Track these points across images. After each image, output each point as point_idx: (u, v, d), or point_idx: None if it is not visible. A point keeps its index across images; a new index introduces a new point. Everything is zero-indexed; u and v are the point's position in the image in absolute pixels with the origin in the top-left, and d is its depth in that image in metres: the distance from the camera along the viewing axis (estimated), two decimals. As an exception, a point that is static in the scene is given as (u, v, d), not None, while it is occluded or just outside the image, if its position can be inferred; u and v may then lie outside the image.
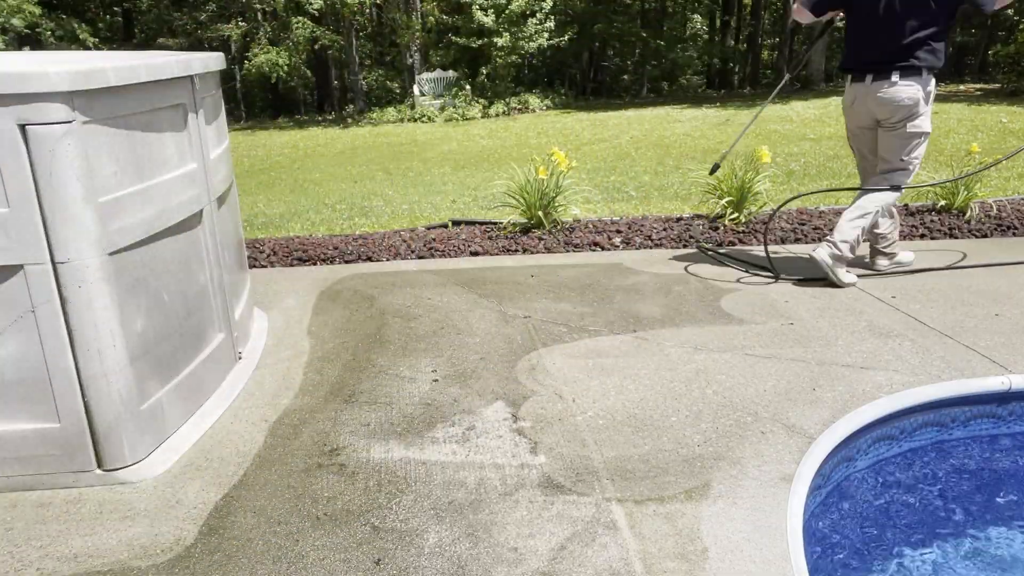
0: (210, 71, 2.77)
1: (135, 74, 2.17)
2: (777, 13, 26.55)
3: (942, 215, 5.08)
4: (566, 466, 2.27)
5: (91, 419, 2.18)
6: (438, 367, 2.99)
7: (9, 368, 2.10)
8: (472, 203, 6.87)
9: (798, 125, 12.46)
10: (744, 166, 5.16)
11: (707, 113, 15.63)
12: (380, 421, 2.58)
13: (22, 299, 2.04)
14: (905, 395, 2.62)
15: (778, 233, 4.84)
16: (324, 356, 3.13)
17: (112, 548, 1.95)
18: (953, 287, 3.73)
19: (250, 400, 2.75)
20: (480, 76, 19.17)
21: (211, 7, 21.00)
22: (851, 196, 4.26)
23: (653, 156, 9.67)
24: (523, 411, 2.61)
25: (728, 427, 2.46)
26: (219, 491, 2.19)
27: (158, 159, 2.35)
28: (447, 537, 1.96)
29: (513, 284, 4.01)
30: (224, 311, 2.81)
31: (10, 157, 1.93)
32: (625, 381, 2.81)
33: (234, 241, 3.06)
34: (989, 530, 2.33)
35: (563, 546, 1.91)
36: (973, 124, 11.45)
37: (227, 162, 3.04)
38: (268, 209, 7.13)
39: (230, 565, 1.88)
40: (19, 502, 2.15)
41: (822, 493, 2.34)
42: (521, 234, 4.97)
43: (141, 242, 2.25)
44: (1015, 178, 6.86)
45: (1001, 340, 3.07)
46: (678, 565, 1.83)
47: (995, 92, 16.72)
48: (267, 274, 4.31)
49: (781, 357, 2.98)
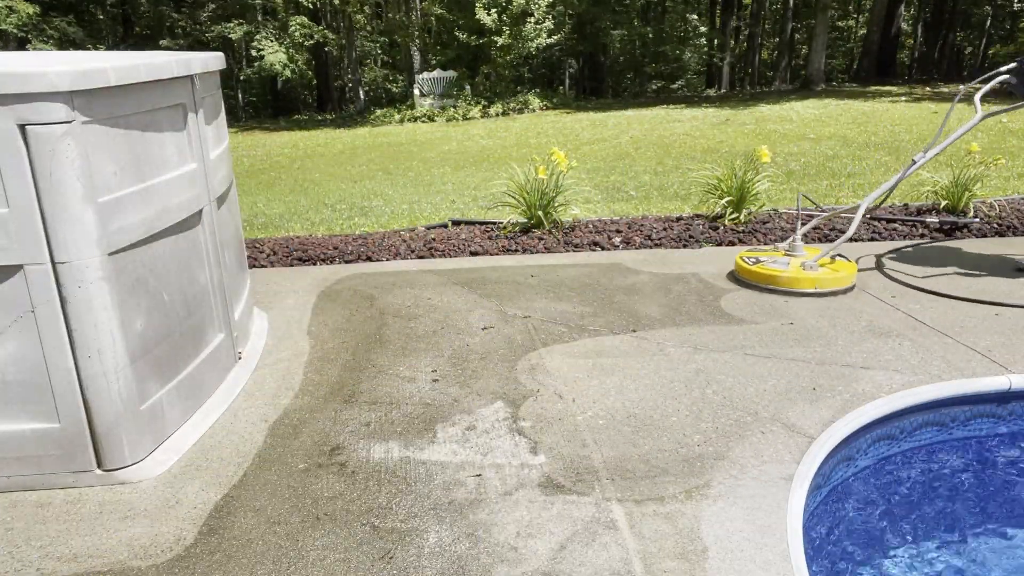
0: (210, 71, 2.77)
1: (135, 74, 2.17)
2: (777, 13, 26.55)
3: (942, 215, 5.08)
4: (566, 466, 2.27)
5: (91, 419, 2.17)
6: (438, 367, 2.99)
7: (9, 368, 2.10)
8: (472, 203, 6.87)
9: (798, 125, 12.46)
10: (744, 166, 5.15)
11: (707, 113, 15.63)
12: (380, 421, 2.58)
13: (22, 299, 2.04)
14: (905, 395, 2.62)
15: (778, 233, 4.84)
16: (324, 356, 3.13)
17: (112, 548, 1.95)
18: (953, 286, 3.73)
19: (250, 400, 2.75)
20: (480, 76, 19.18)
21: (211, 7, 21.00)
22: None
23: (653, 156, 9.67)
24: (523, 411, 2.61)
25: (728, 427, 2.46)
26: (219, 491, 2.19)
27: (158, 159, 2.35)
28: (447, 537, 1.96)
29: (513, 284, 4.01)
30: (224, 311, 2.81)
31: (10, 157, 1.93)
32: (625, 381, 2.81)
33: (234, 241, 3.06)
34: (989, 528, 2.33)
35: (563, 546, 1.91)
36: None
37: (227, 162, 3.04)
38: (268, 209, 7.13)
39: (230, 565, 1.87)
40: (19, 502, 2.15)
41: (822, 493, 2.33)
42: (521, 234, 4.97)
43: (141, 242, 2.25)
44: (1015, 178, 6.86)
45: (1001, 340, 3.07)
46: (678, 565, 1.83)
47: (995, 92, 16.70)
48: (267, 274, 4.31)
49: (781, 357, 2.98)
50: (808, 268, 3.76)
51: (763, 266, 3.84)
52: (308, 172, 10.20)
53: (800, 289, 3.71)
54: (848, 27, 29.91)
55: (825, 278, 3.71)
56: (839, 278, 3.73)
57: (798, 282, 3.72)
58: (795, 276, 3.73)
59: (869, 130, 11.41)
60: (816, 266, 3.77)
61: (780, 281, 3.76)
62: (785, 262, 3.89)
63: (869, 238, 4.73)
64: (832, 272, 3.75)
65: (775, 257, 4.00)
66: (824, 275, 3.73)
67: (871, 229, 4.87)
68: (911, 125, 11.69)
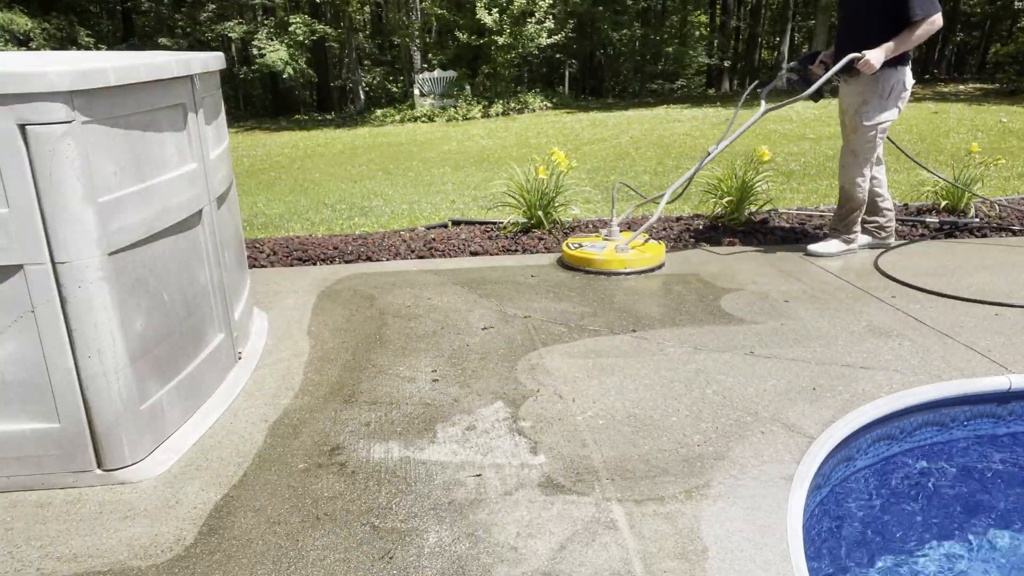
0: (210, 71, 2.77)
1: (135, 74, 2.17)
2: (777, 13, 26.54)
3: (942, 215, 5.08)
4: (566, 466, 2.27)
5: (91, 419, 2.17)
6: (438, 367, 2.99)
7: (9, 368, 2.10)
8: (472, 203, 6.87)
9: (798, 125, 12.46)
10: (744, 166, 5.15)
11: (707, 113, 15.63)
12: (380, 421, 2.58)
13: (22, 299, 2.04)
14: (905, 395, 2.62)
15: (778, 233, 4.84)
16: (324, 356, 3.13)
17: (112, 548, 1.95)
18: (953, 286, 3.73)
19: (250, 400, 2.75)
20: (480, 76, 19.18)
21: (211, 7, 21.00)
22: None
23: (653, 156, 9.67)
24: (523, 411, 2.61)
25: (728, 427, 2.46)
26: (219, 491, 2.19)
27: (158, 159, 2.35)
28: (447, 537, 1.96)
29: (513, 284, 4.01)
30: (224, 311, 2.81)
31: (10, 157, 1.93)
32: (625, 381, 2.81)
33: (234, 241, 3.06)
34: (989, 529, 2.33)
35: (563, 546, 1.91)
36: (973, 124, 11.45)
37: (227, 162, 3.04)
38: (268, 209, 7.13)
39: (230, 565, 1.87)
40: (19, 502, 2.15)
41: (822, 493, 2.33)
42: (521, 234, 4.97)
43: (141, 242, 2.25)
44: (1015, 178, 6.86)
45: (1001, 340, 3.07)
46: (678, 565, 1.83)
47: (995, 92, 16.73)
48: (267, 274, 4.31)
49: (781, 357, 2.98)
50: (620, 251, 4.18)
51: (582, 250, 4.24)
52: (308, 172, 10.20)
53: (612, 270, 4.14)
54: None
55: (633, 259, 4.17)
56: (646, 259, 4.19)
57: (609, 263, 4.15)
58: (607, 258, 4.16)
59: (869, 130, 11.39)
60: (627, 248, 4.21)
61: (595, 263, 4.17)
62: (602, 246, 4.31)
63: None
64: (640, 254, 4.21)
65: (595, 242, 4.41)
66: (633, 256, 4.18)
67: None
68: (911, 125, 11.68)
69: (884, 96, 4.01)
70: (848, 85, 4.12)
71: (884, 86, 3.99)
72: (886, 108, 4.03)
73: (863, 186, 4.21)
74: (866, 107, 4.03)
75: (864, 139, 4.09)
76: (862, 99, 4.04)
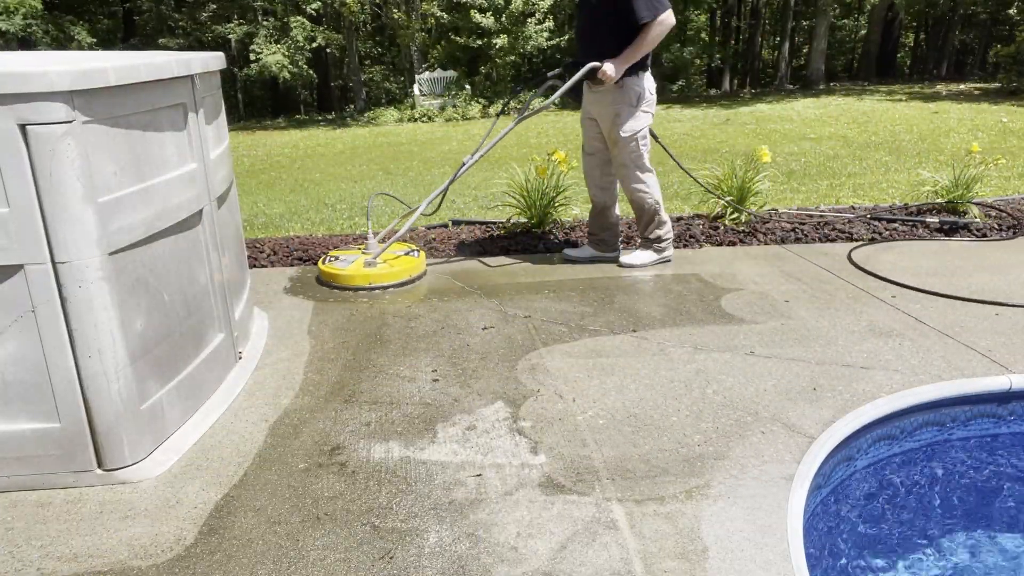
0: (210, 71, 2.77)
1: (135, 74, 2.17)
2: (777, 12, 26.54)
3: (941, 215, 5.08)
4: (566, 466, 2.27)
5: (91, 419, 2.17)
6: (438, 367, 2.99)
7: (9, 368, 2.10)
8: (472, 203, 6.87)
9: (798, 125, 12.46)
10: (744, 166, 5.16)
11: (707, 113, 15.63)
12: (380, 421, 2.58)
13: (22, 299, 2.04)
14: (905, 395, 2.62)
15: (778, 233, 4.84)
16: (324, 356, 3.13)
17: (112, 548, 1.95)
18: (953, 286, 3.73)
19: (250, 400, 2.75)
20: (480, 76, 19.18)
21: (211, 7, 21.00)
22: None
23: (653, 156, 9.66)
24: (523, 411, 2.61)
25: (728, 427, 2.46)
26: (219, 491, 2.19)
27: (158, 159, 2.35)
28: (447, 537, 1.96)
29: (513, 284, 4.01)
30: (224, 311, 2.81)
31: (10, 157, 1.93)
32: (625, 381, 2.81)
33: (234, 241, 3.06)
34: (989, 530, 2.33)
35: (563, 546, 1.91)
36: (973, 124, 11.45)
37: (227, 162, 3.04)
38: (268, 209, 7.13)
39: (230, 565, 1.87)
40: (19, 502, 2.15)
41: (822, 493, 2.33)
42: (521, 234, 4.97)
43: (141, 242, 2.25)
44: (1015, 178, 6.86)
45: (1001, 340, 3.07)
46: (678, 565, 1.83)
47: (995, 92, 16.73)
48: (267, 274, 4.31)
49: (781, 357, 2.98)
50: (367, 265, 4.03)
51: (330, 265, 4.10)
52: (308, 172, 10.20)
53: (356, 285, 3.98)
54: (848, 27, 29.91)
55: (379, 274, 4.00)
56: (394, 273, 4.02)
57: (353, 279, 3.98)
58: (351, 273, 3.99)
59: (869, 130, 11.42)
60: (376, 263, 4.05)
61: (340, 279, 4.01)
62: (353, 259, 4.16)
63: (869, 238, 4.73)
64: (389, 268, 4.04)
65: (348, 256, 4.25)
66: (379, 271, 4.00)
67: (871, 229, 4.87)
68: (911, 125, 11.69)
69: (633, 105, 3.97)
70: (595, 94, 4.05)
71: (631, 96, 3.95)
72: (638, 117, 4.00)
73: (648, 189, 4.18)
74: (619, 119, 3.98)
75: (627, 150, 4.05)
76: (615, 111, 3.98)
